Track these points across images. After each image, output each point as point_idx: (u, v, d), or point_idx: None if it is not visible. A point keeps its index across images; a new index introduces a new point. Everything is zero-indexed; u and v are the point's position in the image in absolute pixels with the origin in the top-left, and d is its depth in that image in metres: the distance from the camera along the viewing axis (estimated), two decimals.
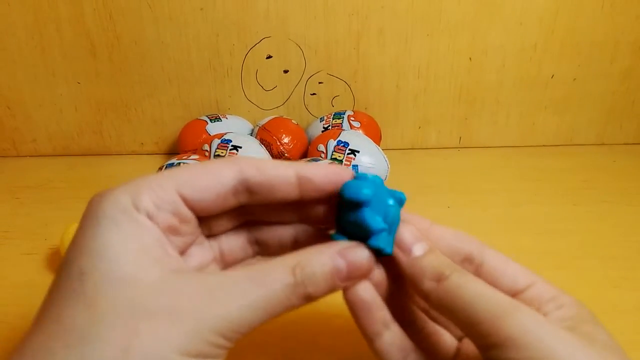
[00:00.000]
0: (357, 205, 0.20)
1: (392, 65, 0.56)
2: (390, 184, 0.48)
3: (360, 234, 0.20)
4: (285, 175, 0.20)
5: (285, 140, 0.51)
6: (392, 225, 0.20)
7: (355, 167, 0.46)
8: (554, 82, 0.58)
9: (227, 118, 0.56)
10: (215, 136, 0.50)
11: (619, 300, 0.34)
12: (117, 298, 0.16)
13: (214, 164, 0.20)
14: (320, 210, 0.22)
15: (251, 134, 0.56)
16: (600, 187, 0.51)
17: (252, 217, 0.23)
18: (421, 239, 0.21)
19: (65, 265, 0.17)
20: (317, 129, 0.55)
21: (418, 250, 0.21)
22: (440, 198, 0.49)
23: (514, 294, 0.21)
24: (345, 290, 0.21)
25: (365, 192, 0.19)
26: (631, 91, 0.58)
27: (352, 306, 0.21)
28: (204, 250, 0.22)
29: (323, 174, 0.20)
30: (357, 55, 0.56)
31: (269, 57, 0.56)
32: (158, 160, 0.58)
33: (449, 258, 0.21)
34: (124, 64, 0.55)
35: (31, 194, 0.51)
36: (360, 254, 0.20)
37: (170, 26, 0.54)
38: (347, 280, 0.20)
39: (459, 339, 0.24)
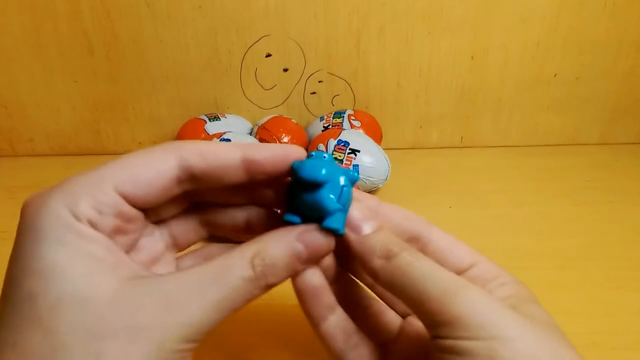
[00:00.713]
0: (313, 186, 0.19)
1: (393, 64, 0.56)
2: (391, 184, 0.48)
3: (314, 214, 0.20)
4: (230, 160, 0.19)
5: (285, 139, 0.51)
6: (346, 205, 0.20)
7: (355, 166, 0.45)
8: (557, 81, 0.57)
9: (226, 117, 0.55)
10: (214, 135, 0.49)
11: (621, 301, 0.34)
12: (75, 321, 0.15)
13: (153, 154, 0.19)
14: (271, 191, 0.22)
15: (250, 134, 0.56)
16: (603, 186, 0.50)
17: (201, 199, 0.22)
18: (370, 217, 0.21)
19: (11, 287, 0.16)
20: (317, 128, 0.54)
21: (367, 228, 0.21)
22: (441, 198, 0.48)
23: (458, 273, 0.21)
24: (294, 277, 0.20)
25: (322, 172, 0.19)
26: (634, 90, 0.58)
27: (301, 292, 0.21)
28: (154, 240, 0.21)
29: (270, 155, 0.20)
30: (357, 53, 0.55)
31: (269, 55, 0.55)
32: None
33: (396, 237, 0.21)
34: (121, 63, 0.55)
35: (28, 194, 0.51)
36: (319, 236, 0.20)
37: (168, 24, 0.53)
38: (307, 263, 0.20)
39: (404, 317, 0.24)
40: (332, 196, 0.19)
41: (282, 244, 0.19)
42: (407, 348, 0.23)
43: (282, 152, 0.20)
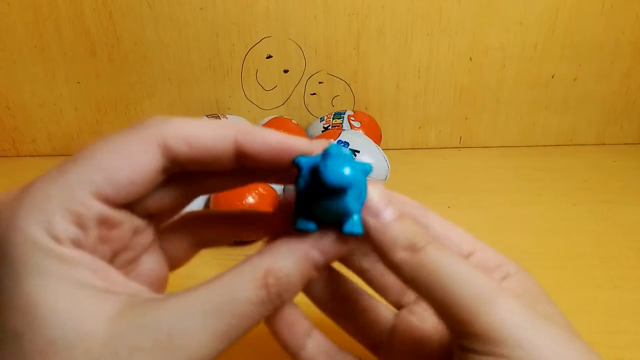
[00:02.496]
0: (338, 191, 0.16)
1: (392, 65, 0.56)
2: (390, 184, 0.48)
3: (332, 218, 0.17)
4: (220, 148, 0.17)
5: None
6: (363, 203, 0.18)
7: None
8: (555, 82, 0.58)
9: (227, 118, 0.56)
10: None
11: (619, 300, 0.34)
12: None
13: (131, 145, 0.16)
14: (276, 176, 0.19)
15: None
16: (600, 187, 0.51)
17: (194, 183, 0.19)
18: (391, 201, 0.18)
19: None
20: (317, 128, 0.55)
21: (389, 214, 0.18)
22: (440, 198, 0.49)
23: None
24: None
25: (349, 175, 0.16)
26: (631, 91, 0.58)
27: (275, 325, 0.19)
28: (144, 235, 0.19)
29: (267, 149, 0.17)
30: (357, 55, 0.56)
31: (269, 57, 0.56)
32: None
33: None
34: (124, 64, 0.55)
35: None
36: (338, 241, 0.18)
37: (170, 26, 0.54)
38: (323, 268, 0.18)
39: (397, 306, 0.22)
40: (354, 199, 0.17)
41: (297, 255, 0.17)
42: (401, 346, 0.21)
43: (283, 146, 0.17)
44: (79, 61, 0.55)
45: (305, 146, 0.17)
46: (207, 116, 0.55)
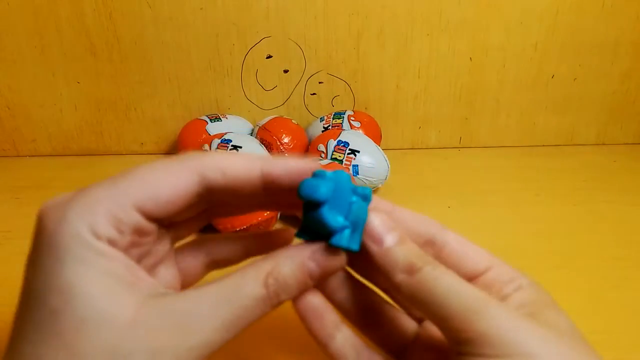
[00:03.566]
0: (314, 204, 0.19)
1: (392, 65, 0.56)
2: (390, 184, 0.48)
3: (322, 232, 0.20)
4: (250, 176, 0.20)
5: (286, 140, 0.51)
6: (357, 221, 0.20)
7: (355, 166, 0.46)
8: (555, 82, 0.58)
9: (227, 118, 0.56)
10: (215, 136, 0.49)
11: (619, 300, 0.34)
12: (98, 342, 0.16)
13: (173, 169, 0.19)
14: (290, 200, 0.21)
15: (251, 134, 0.56)
16: (600, 187, 0.51)
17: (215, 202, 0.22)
18: (392, 228, 0.20)
19: (34, 302, 0.17)
20: (317, 128, 0.55)
21: (389, 240, 0.20)
22: (440, 198, 0.49)
23: (475, 276, 0.21)
24: (295, 300, 0.20)
25: (321, 191, 0.19)
26: (631, 91, 0.58)
27: (303, 314, 0.21)
28: (162, 244, 0.21)
29: (287, 172, 0.20)
30: (357, 55, 0.56)
31: (269, 57, 0.56)
32: None
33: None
34: (124, 64, 0.55)
35: (31, 194, 0.51)
36: (330, 254, 0.20)
37: (170, 26, 0.54)
38: (319, 280, 0.20)
39: (419, 321, 0.24)
40: (336, 214, 0.19)
41: (295, 262, 0.19)
42: (424, 355, 0.22)
43: (295, 168, 0.20)
44: (79, 61, 0.55)
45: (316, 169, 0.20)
46: (207, 116, 0.55)
